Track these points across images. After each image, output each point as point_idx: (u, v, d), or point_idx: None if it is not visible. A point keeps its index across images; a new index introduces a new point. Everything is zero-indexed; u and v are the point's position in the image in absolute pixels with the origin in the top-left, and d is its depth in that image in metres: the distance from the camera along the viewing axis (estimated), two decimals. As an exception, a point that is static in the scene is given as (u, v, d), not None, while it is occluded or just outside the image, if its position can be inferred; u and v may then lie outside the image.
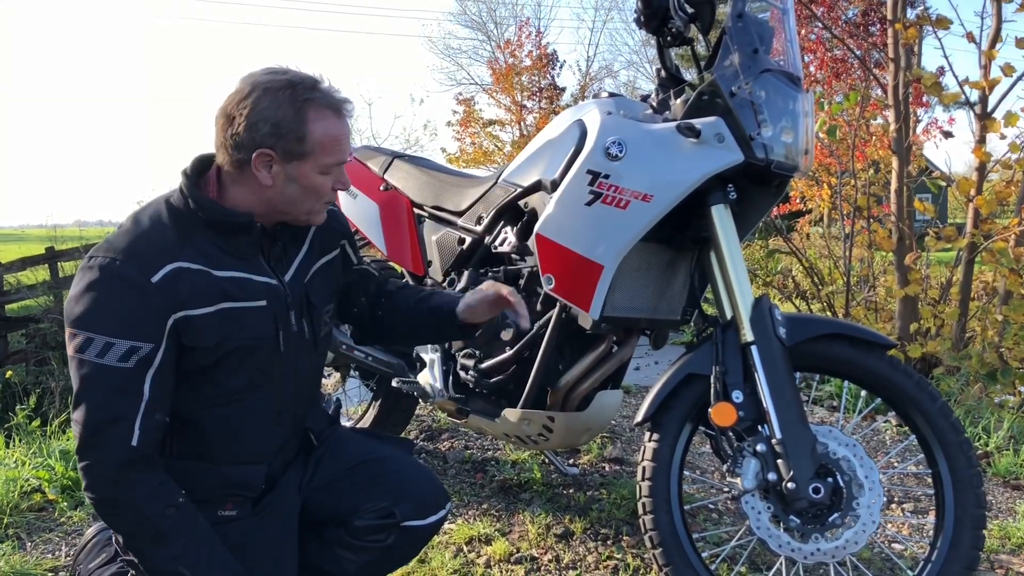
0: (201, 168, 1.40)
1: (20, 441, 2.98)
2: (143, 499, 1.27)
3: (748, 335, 1.71)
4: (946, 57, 4.29)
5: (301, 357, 1.48)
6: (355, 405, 3.23)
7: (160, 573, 1.32)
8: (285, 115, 1.31)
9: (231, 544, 1.39)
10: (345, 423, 1.92)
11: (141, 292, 1.26)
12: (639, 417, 1.81)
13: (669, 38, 1.90)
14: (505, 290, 1.59)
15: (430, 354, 2.32)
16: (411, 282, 2.50)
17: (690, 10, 1.82)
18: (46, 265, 8.92)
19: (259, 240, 1.41)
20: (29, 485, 2.56)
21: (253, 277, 1.38)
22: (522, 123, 17.68)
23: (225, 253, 1.36)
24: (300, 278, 1.48)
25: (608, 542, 2.21)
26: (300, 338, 1.47)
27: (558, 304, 1.94)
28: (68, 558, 2.13)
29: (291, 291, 1.44)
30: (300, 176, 1.35)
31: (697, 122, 1.71)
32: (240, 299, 1.35)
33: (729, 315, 1.77)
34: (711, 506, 2.48)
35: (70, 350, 1.27)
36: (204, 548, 1.33)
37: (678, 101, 1.83)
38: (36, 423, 3.14)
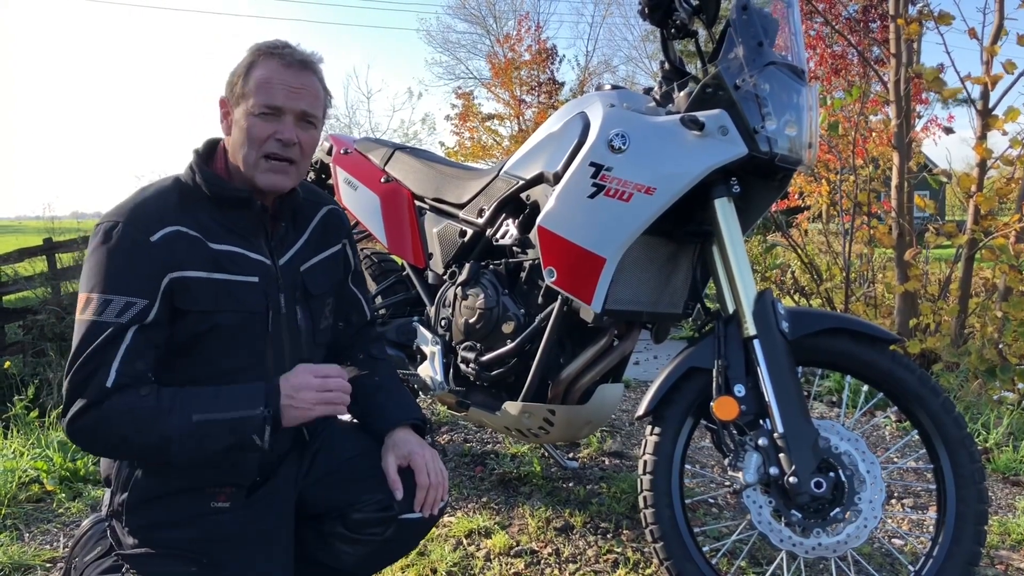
0: (212, 148, 1.46)
1: (18, 432, 2.98)
2: (117, 405, 1.24)
3: (750, 329, 1.71)
4: (948, 53, 4.29)
5: (295, 343, 1.48)
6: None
7: (186, 439, 1.26)
8: (241, 66, 1.39)
9: (224, 534, 1.38)
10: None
11: (140, 249, 1.29)
12: (640, 411, 1.81)
13: (673, 30, 1.89)
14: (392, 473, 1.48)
15: (430, 347, 2.31)
16: (414, 278, 2.49)
17: (695, 2, 1.82)
18: (43, 256, 8.87)
19: (261, 219, 1.44)
20: (27, 476, 2.56)
21: (247, 253, 1.40)
22: (521, 118, 17.61)
23: (224, 228, 1.39)
24: (295, 264, 1.49)
25: (608, 536, 2.21)
26: (292, 323, 1.47)
27: (559, 297, 1.93)
28: (66, 549, 2.12)
29: (283, 275, 1.46)
30: (239, 118, 1.39)
31: (701, 115, 1.70)
32: (232, 272, 1.37)
33: (731, 309, 1.76)
34: (712, 500, 2.48)
35: (77, 316, 1.28)
36: (200, 392, 1.30)
37: (681, 94, 1.82)
38: (34, 414, 3.14)
